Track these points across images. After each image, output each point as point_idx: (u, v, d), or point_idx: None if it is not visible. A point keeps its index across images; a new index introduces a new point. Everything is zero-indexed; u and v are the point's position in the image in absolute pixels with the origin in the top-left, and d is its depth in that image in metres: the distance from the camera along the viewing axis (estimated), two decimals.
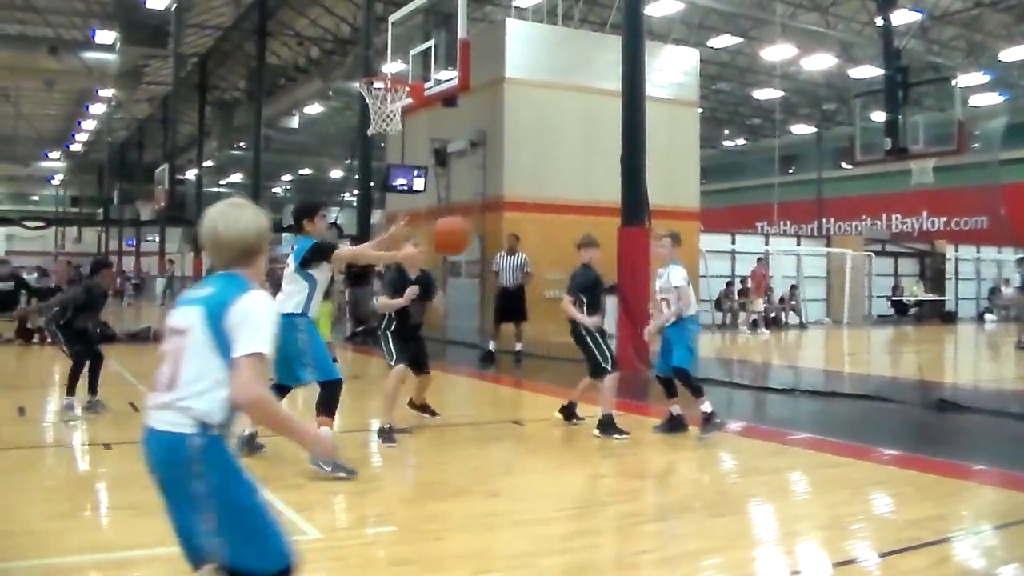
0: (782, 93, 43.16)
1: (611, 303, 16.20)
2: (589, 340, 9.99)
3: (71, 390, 10.77)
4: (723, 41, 37.59)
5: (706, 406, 9.58)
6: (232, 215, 3.57)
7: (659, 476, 8.26)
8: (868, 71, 35.74)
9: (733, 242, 31.06)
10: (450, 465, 8.51)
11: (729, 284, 28.75)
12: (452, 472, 8.19)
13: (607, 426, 9.71)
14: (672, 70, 26.10)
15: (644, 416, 11.46)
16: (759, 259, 28.71)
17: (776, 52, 35.49)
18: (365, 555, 5.71)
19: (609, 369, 9.88)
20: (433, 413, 10.48)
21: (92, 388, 11.09)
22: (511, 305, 17.47)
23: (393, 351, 9.58)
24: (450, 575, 5.34)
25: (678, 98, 25.82)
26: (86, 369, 11.05)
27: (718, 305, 28.13)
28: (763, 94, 45.08)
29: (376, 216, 31.06)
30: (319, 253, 8.25)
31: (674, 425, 9.89)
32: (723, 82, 44.95)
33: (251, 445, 8.47)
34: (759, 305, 27.96)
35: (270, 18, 37.75)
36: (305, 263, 8.20)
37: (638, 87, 16.61)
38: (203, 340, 3.38)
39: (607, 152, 18.30)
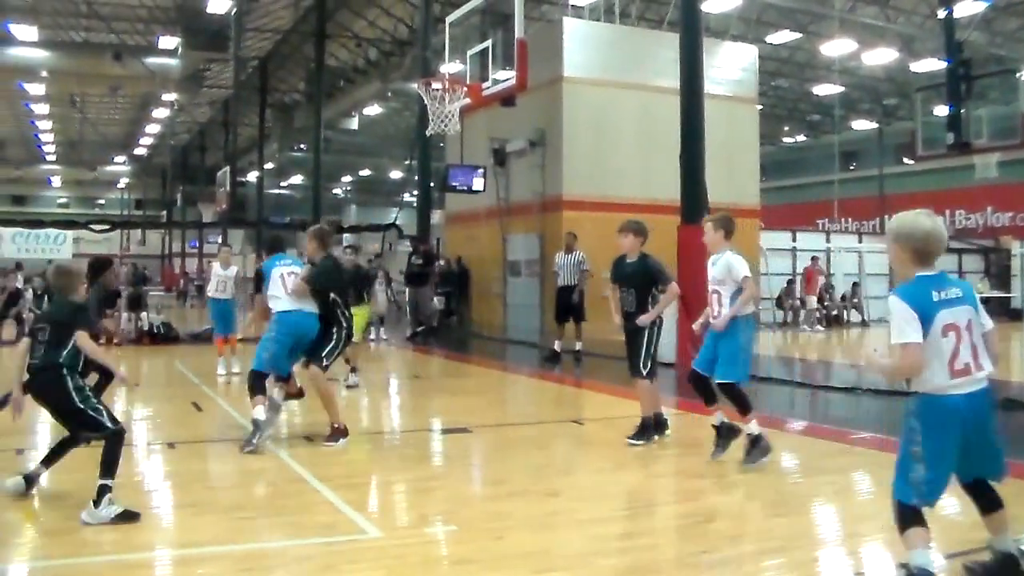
0: (842, 88, 42.72)
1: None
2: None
3: None
4: (781, 37, 37.25)
5: (752, 427, 8.34)
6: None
7: (718, 476, 8.18)
8: (930, 64, 35.17)
9: (794, 239, 30.73)
10: (511, 464, 8.51)
11: (790, 282, 28.47)
12: (513, 471, 8.19)
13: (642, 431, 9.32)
14: (730, 67, 25.95)
15: (705, 415, 11.38)
16: (813, 258, 28.37)
17: (835, 47, 35.08)
18: (425, 554, 5.73)
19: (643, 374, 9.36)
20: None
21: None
22: (570, 304, 17.45)
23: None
24: (510, 574, 5.33)
25: (736, 95, 25.68)
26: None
27: (779, 303, 27.87)
28: (823, 90, 44.58)
29: (436, 216, 31.14)
30: None
31: (725, 436, 8.60)
32: (782, 78, 44.57)
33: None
34: (812, 303, 27.64)
35: (329, 20, 37.99)
36: None
37: (696, 84, 16.50)
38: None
39: (666, 150, 18.19)
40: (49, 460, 7.19)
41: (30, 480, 7.06)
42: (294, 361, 9.44)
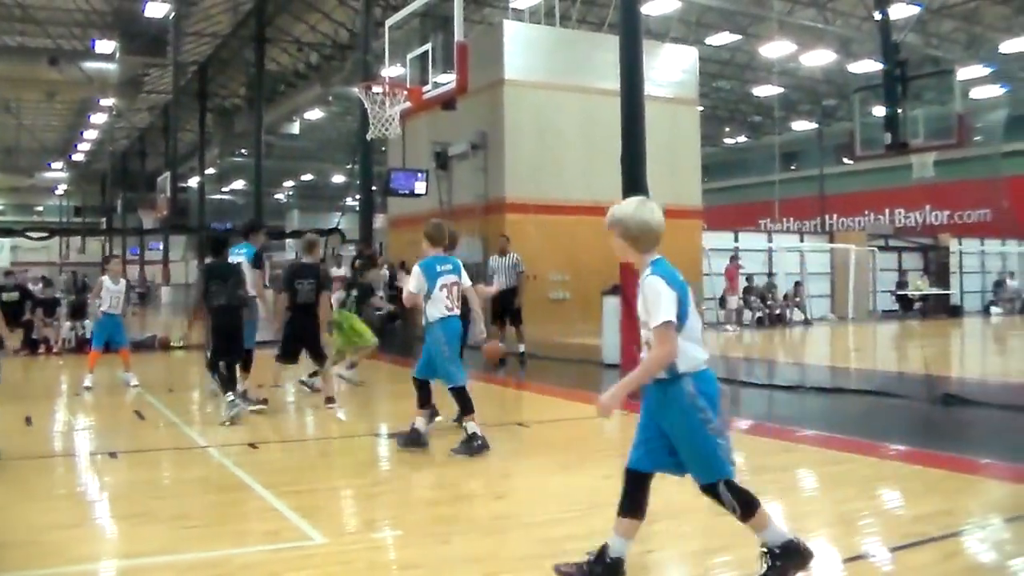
0: (782, 90, 43.25)
1: (614, 303, 16.22)
2: None
3: None
4: (722, 39, 37.61)
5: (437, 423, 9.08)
6: None
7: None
8: (867, 66, 35.68)
9: (736, 240, 31.01)
10: (456, 468, 8.50)
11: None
12: (458, 475, 8.18)
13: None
14: (671, 69, 26.12)
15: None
16: (732, 256, 28.61)
17: (775, 49, 35.51)
18: (372, 559, 5.70)
19: None
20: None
21: None
22: (506, 306, 17.50)
23: None
24: None
25: (678, 96, 25.87)
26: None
27: (722, 303, 28.06)
28: (763, 91, 45.10)
29: (378, 220, 31.06)
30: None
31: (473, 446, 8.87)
32: (723, 80, 44.98)
33: None
34: (734, 302, 27.86)
35: (268, 24, 37.80)
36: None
37: (637, 86, 16.59)
38: None
39: (608, 152, 18.28)
40: None
41: None
42: None
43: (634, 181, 16.36)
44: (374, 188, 28.05)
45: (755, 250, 30.77)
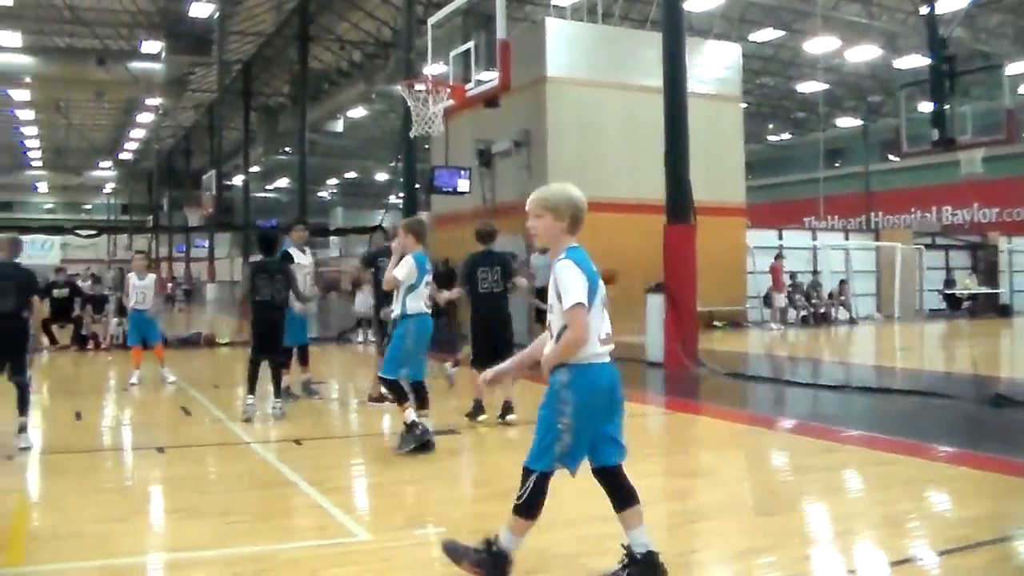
0: (826, 86, 42.85)
1: (658, 301, 16.16)
2: None
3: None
4: (765, 35, 37.37)
5: (408, 415, 8.87)
6: None
7: (708, 474, 8.20)
8: (914, 61, 35.30)
9: (780, 237, 30.78)
10: (498, 465, 8.50)
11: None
12: (500, 472, 8.18)
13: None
14: (714, 65, 25.98)
15: (696, 415, 11.41)
16: (777, 255, 28.37)
17: (819, 44, 35.20)
18: (415, 556, 5.71)
19: None
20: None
21: None
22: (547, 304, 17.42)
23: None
24: None
25: (721, 93, 25.71)
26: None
27: (767, 301, 27.85)
28: (807, 87, 44.72)
29: (423, 218, 31.13)
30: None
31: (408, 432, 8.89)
32: (766, 76, 44.70)
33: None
34: (780, 300, 27.61)
35: (311, 23, 37.97)
36: None
37: (680, 84, 16.53)
38: None
39: (651, 149, 18.22)
40: None
41: None
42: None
43: (677, 178, 16.32)
44: (417, 186, 28.07)
45: (800, 248, 30.51)
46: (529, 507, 5.03)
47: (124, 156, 68.17)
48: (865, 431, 9.84)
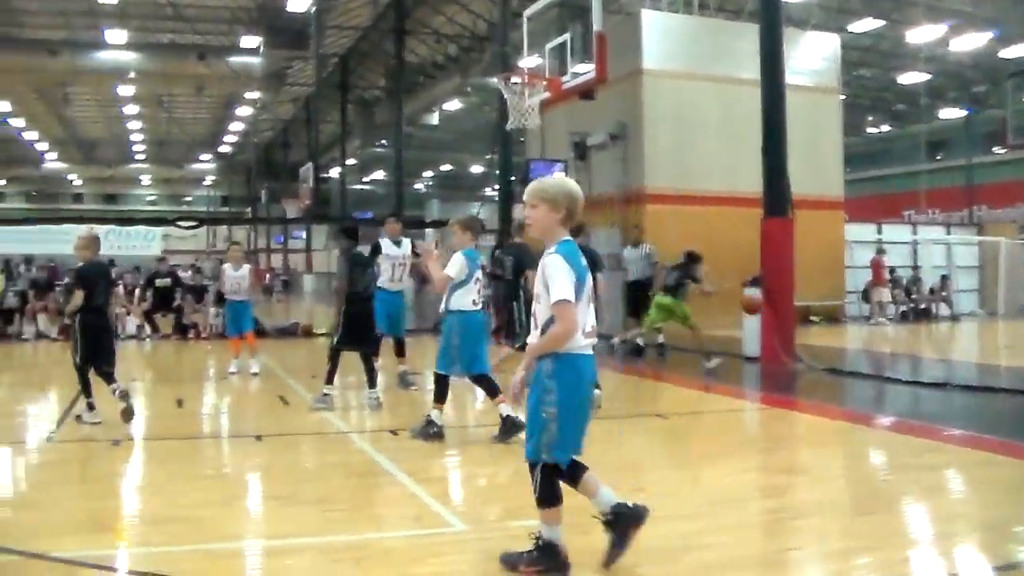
0: (928, 76, 41.89)
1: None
2: None
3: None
4: (865, 25, 36.62)
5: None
6: None
7: (806, 471, 8.10)
8: (1021, 50, 34.36)
9: (879, 232, 30.25)
10: (595, 459, 8.46)
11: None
12: (597, 466, 8.15)
13: None
14: (812, 57, 25.62)
15: (792, 411, 11.29)
16: (878, 249, 27.81)
17: (921, 34, 34.43)
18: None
19: None
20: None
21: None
22: (639, 298, 17.51)
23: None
24: (594, 570, 5.32)
25: (819, 85, 25.35)
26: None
27: (865, 296, 27.40)
28: (908, 78, 43.76)
29: (517, 211, 31.15)
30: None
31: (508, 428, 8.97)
32: (865, 67, 43.85)
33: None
34: (884, 295, 27.09)
35: (407, 17, 38.20)
36: None
37: (777, 76, 16.33)
38: None
39: (748, 142, 18.02)
40: None
41: None
42: None
43: (775, 171, 16.13)
44: (513, 178, 28.11)
45: (899, 242, 29.95)
46: (547, 498, 5.16)
47: (224, 149, 69.37)
48: (967, 431, 9.62)
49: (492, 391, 9.17)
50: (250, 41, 38.22)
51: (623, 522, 5.22)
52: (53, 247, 56.80)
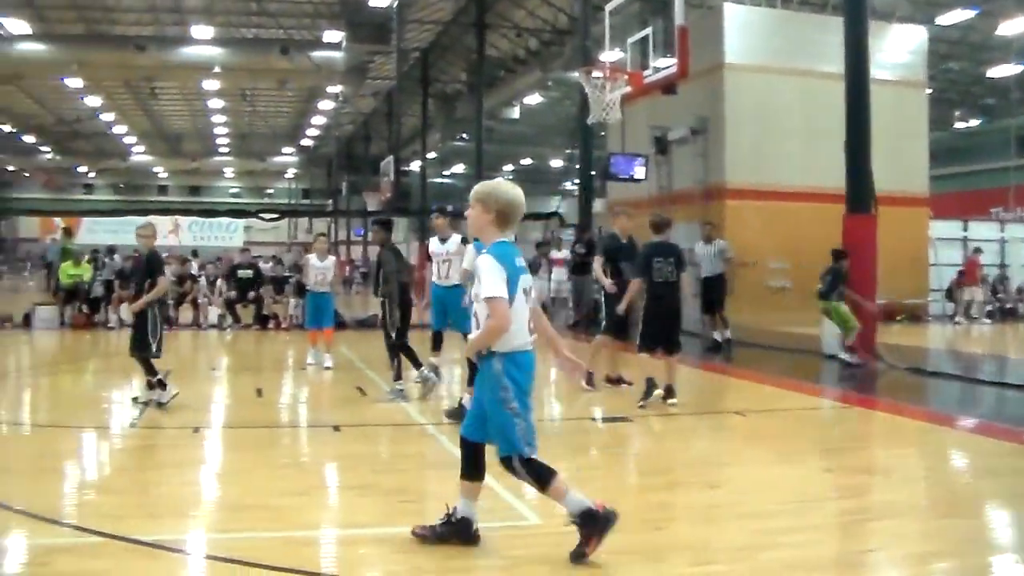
0: (1020, 69, 40.98)
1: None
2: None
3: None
4: (953, 17, 35.90)
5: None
6: None
7: (885, 472, 7.97)
8: None
9: (964, 229, 29.67)
10: (671, 455, 8.47)
11: (961, 273, 27.43)
12: (673, 462, 8.15)
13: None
14: (898, 50, 25.20)
15: (873, 411, 11.14)
16: (975, 248, 27.23)
17: (1014, 26, 33.67)
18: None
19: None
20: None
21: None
22: (711, 294, 17.45)
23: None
24: (669, 566, 5.32)
25: (904, 79, 24.90)
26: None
27: (949, 295, 26.91)
28: (998, 71, 42.84)
29: (597, 205, 31.07)
30: None
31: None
32: (953, 60, 43.02)
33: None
34: (978, 295, 26.54)
35: (488, 11, 38.28)
36: None
37: (862, 70, 16.08)
38: None
39: (830, 137, 17.78)
40: None
41: None
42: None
43: (858, 167, 15.90)
44: (593, 173, 28.05)
45: (986, 240, 29.35)
46: (542, 482, 5.47)
47: (305, 142, 70.10)
48: None
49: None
50: (332, 36, 38.60)
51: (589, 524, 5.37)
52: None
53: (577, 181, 29.62)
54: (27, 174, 75.48)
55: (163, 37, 39.49)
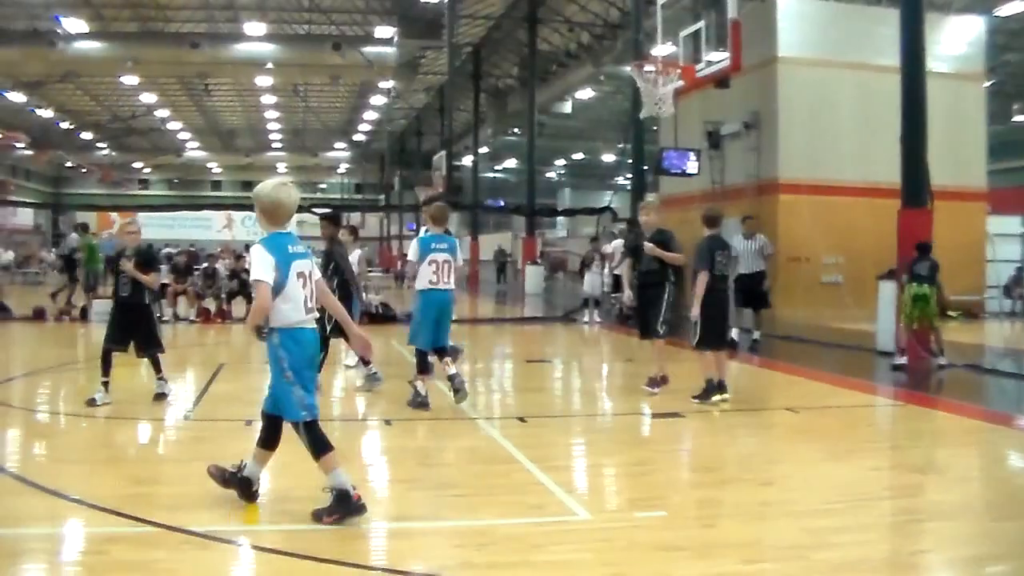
0: None
1: (890, 289, 15.64)
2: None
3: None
4: (1012, 8, 35.34)
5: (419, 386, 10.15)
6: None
7: (939, 471, 7.87)
8: None
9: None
10: (722, 451, 8.43)
11: (1019, 269, 27.02)
12: (724, 458, 8.11)
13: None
14: (955, 42, 24.88)
15: (928, 408, 11.01)
16: None
17: None
18: (633, 538, 5.71)
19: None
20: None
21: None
22: (751, 292, 16.61)
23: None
24: (719, 563, 5.28)
25: (962, 71, 24.57)
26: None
27: (1007, 292, 26.51)
28: None
29: (650, 198, 30.96)
30: None
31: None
32: (1012, 52, 42.39)
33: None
34: None
35: (540, 5, 38.24)
36: None
37: (918, 62, 15.87)
38: None
39: (886, 131, 17.58)
40: None
41: None
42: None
43: (914, 161, 15.68)
44: (645, 167, 27.93)
45: None
46: (322, 447, 6.01)
47: (358, 137, 70.51)
48: None
49: (439, 358, 10.37)
50: (384, 31, 38.81)
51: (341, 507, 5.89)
52: (193, 232, 58.45)
53: (629, 176, 29.49)
54: (84, 170, 76.51)
55: (216, 34, 39.91)
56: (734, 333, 15.87)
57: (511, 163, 70.10)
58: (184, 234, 64.23)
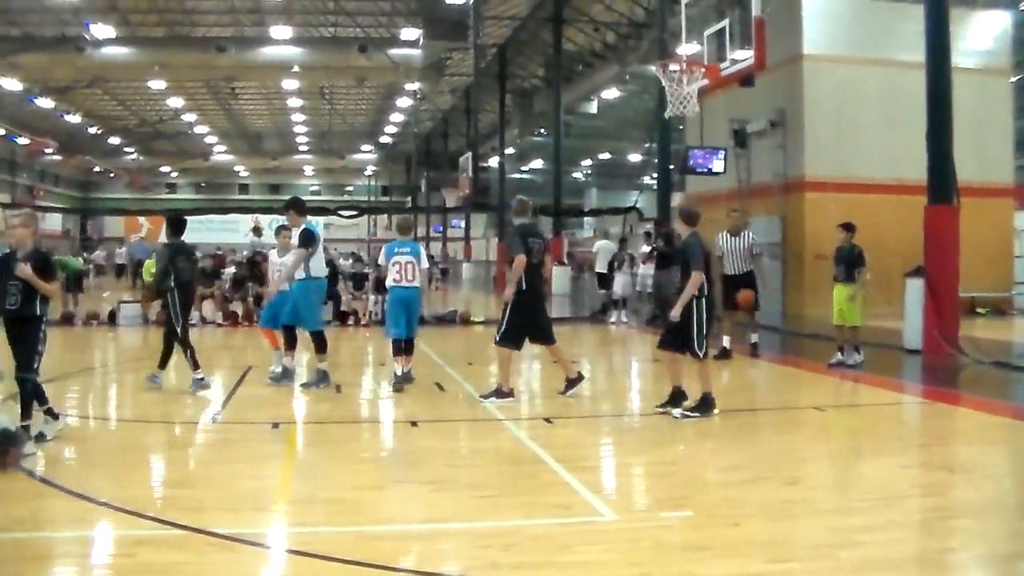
0: None
1: (917, 286, 15.56)
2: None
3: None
4: None
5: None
6: None
7: (968, 469, 7.83)
8: None
9: None
10: (749, 450, 8.42)
11: None
12: (751, 457, 8.10)
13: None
14: (981, 38, 24.72)
15: (955, 406, 10.96)
16: None
17: None
18: (659, 538, 5.72)
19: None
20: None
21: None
22: (734, 294, 14.69)
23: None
24: (745, 563, 5.28)
25: (988, 67, 24.41)
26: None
27: None
28: None
29: (676, 199, 30.89)
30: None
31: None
32: None
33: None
34: None
35: (565, 5, 38.21)
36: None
37: (944, 58, 15.79)
38: None
39: (911, 127, 17.49)
40: None
41: None
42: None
43: (940, 158, 15.61)
44: (672, 166, 27.87)
45: None
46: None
47: (384, 139, 70.71)
48: None
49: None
50: (410, 33, 38.96)
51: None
52: (220, 236, 58.83)
53: (655, 175, 29.44)
54: (112, 175, 77.09)
55: (243, 38, 40.16)
56: (726, 341, 14.89)
57: (538, 163, 70.05)
58: (212, 238, 64.61)
